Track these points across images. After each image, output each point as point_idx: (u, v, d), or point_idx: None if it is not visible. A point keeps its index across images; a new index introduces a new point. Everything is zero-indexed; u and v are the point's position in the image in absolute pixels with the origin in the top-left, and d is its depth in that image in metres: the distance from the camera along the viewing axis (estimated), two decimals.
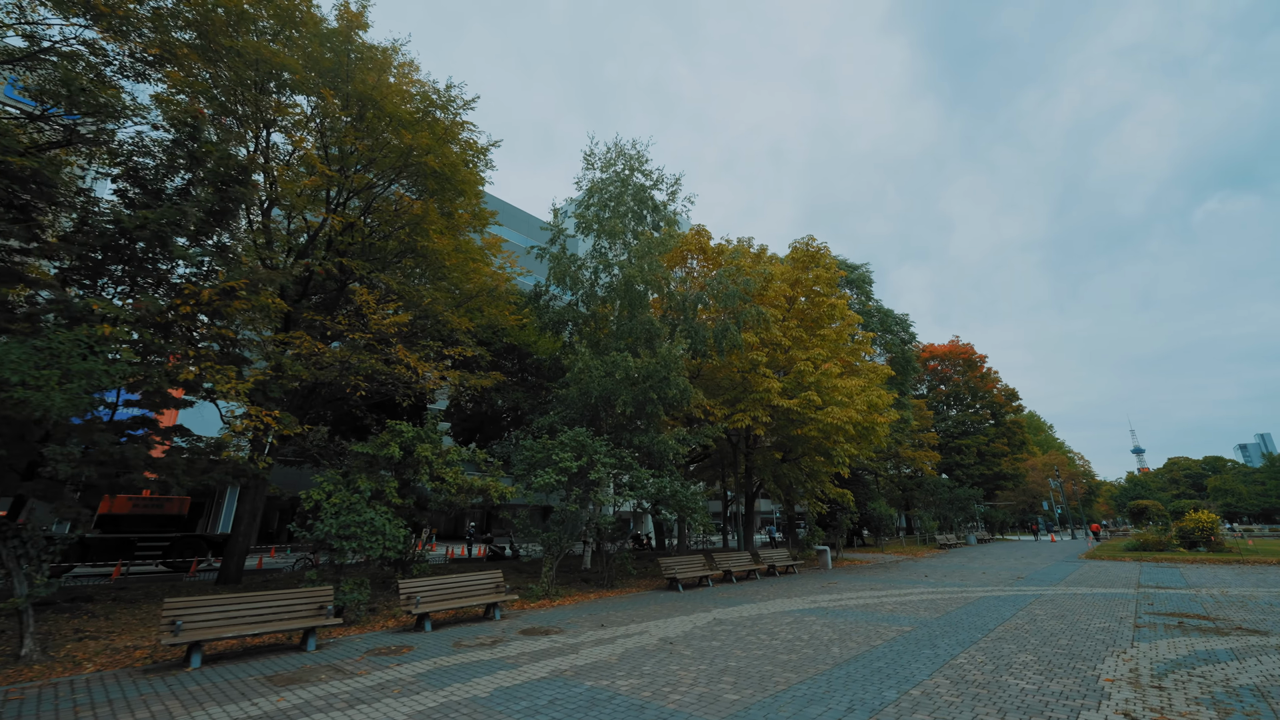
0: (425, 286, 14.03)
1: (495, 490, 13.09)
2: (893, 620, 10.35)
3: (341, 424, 21.81)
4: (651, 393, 15.24)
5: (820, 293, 24.96)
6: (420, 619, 10.08)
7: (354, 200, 15.76)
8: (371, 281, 14.08)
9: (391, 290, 14.24)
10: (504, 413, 23.05)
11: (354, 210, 15.20)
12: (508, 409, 21.68)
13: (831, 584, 16.36)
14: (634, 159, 20.15)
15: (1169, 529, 28.63)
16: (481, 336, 19.88)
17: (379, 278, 13.47)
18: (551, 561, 13.80)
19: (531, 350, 20.44)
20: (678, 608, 12.14)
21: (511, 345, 20.98)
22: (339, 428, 21.61)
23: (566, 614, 11.49)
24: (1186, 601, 12.22)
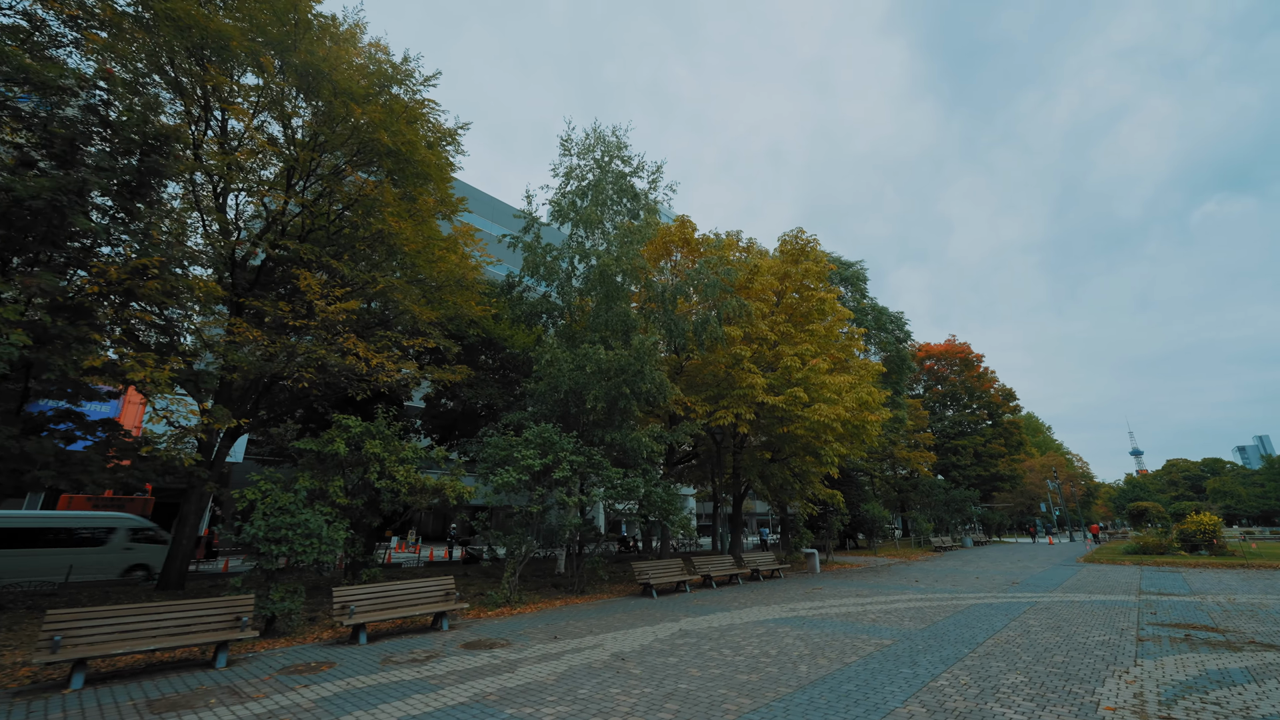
0: (379, 274, 13.14)
1: (452, 490, 12.21)
2: (873, 632, 9.49)
3: (313, 420, 20.94)
4: (624, 387, 14.37)
5: (810, 287, 24.10)
6: (355, 630, 9.20)
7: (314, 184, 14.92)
8: (325, 266, 13.20)
9: (340, 275, 13.35)
10: (481, 410, 22.19)
11: (311, 192, 14.34)
12: (483, 406, 20.81)
13: (816, 590, 15.49)
14: (613, 146, 19.31)
15: (1169, 531, 27.80)
16: (453, 329, 19.01)
17: (330, 263, 12.59)
18: (514, 566, 12.92)
19: (506, 344, 19.56)
20: (645, 616, 11.27)
21: (488, 339, 20.10)
22: (309, 424, 20.74)
23: (523, 624, 10.62)
24: (1192, 610, 11.37)
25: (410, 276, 14.79)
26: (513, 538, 13.02)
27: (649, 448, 14.28)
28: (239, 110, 11.01)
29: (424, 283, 15.35)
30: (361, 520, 12.17)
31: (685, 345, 17.43)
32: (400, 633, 9.95)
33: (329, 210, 14.62)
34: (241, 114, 11.09)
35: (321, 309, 11.40)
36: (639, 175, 19.67)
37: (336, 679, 6.94)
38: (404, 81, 13.50)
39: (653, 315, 17.96)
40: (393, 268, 14.65)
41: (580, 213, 18.15)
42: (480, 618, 11.39)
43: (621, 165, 19.16)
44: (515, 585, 12.87)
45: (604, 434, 14.68)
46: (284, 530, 9.47)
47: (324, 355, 12.32)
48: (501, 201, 41.43)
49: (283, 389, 18.72)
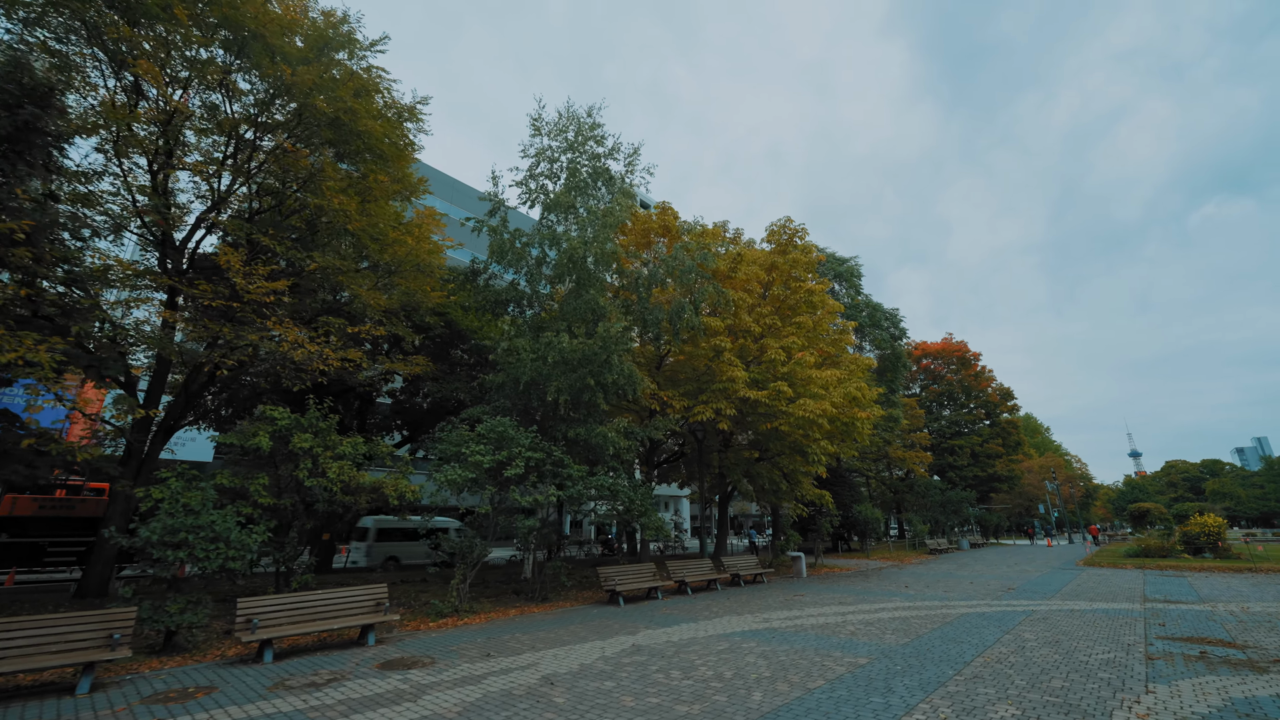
0: (318, 254, 12.07)
1: (393, 489, 11.13)
2: (848, 648, 8.42)
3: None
4: (590, 378, 13.31)
5: (798, 279, 23.04)
6: (261, 647, 8.11)
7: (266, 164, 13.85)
8: (253, 243, 12.11)
9: (269, 252, 12.26)
10: (455, 406, 21.11)
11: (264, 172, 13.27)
12: (456, 402, 19.73)
13: (798, 596, 14.42)
14: (588, 126, 18.24)
15: (1172, 534, 26.76)
16: (417, 320, 17.94)
17: (259, 239, 11.51)
18: (464, 572, 11.83)
19: (474, 335, 18.50)
20: (601, 628, 10.19)
21: (458, 332, 19.04)
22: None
23: (462, 638, 9.54)
24: (1203, 621, 10.31)
25: (357, 259, 13.71)
26: (463, 541, 11.95)
27: (616, 444, 13.21)
28: (146, 68, 9.93)
29: (376, 266, 14.28)
30: (293, 522, 11.08)
31: (660, 336, 16.35)
32: (321, 648, 8.87)
33: (283, 191, 13.57)
34: (149, 71, 10.02)
35: (243, 287, 10.32)
36: (614, 157, 18.57)
37: (203, 710, 5.86)
38: (347, 46, 12.44)
39: (629, 306, 16.89)
40: (338, 249, 13.57)
41: (551, 196, 17.09)
42: (419, 630, 10.31)
43: (595, 146, 18.09)
44: (465, 593, 11.78)
45: (566, 429, 13.62)
46: (183, 533, 8.38)
47: (255, 341, 11.26)
48: (470, 187, 40.21)
49: (243, 384, 17.67)
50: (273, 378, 12.41)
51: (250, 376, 13.17)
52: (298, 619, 8.67)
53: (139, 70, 9.98)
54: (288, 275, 12.23)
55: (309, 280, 13.32)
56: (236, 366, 11.74)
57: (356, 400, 22.19)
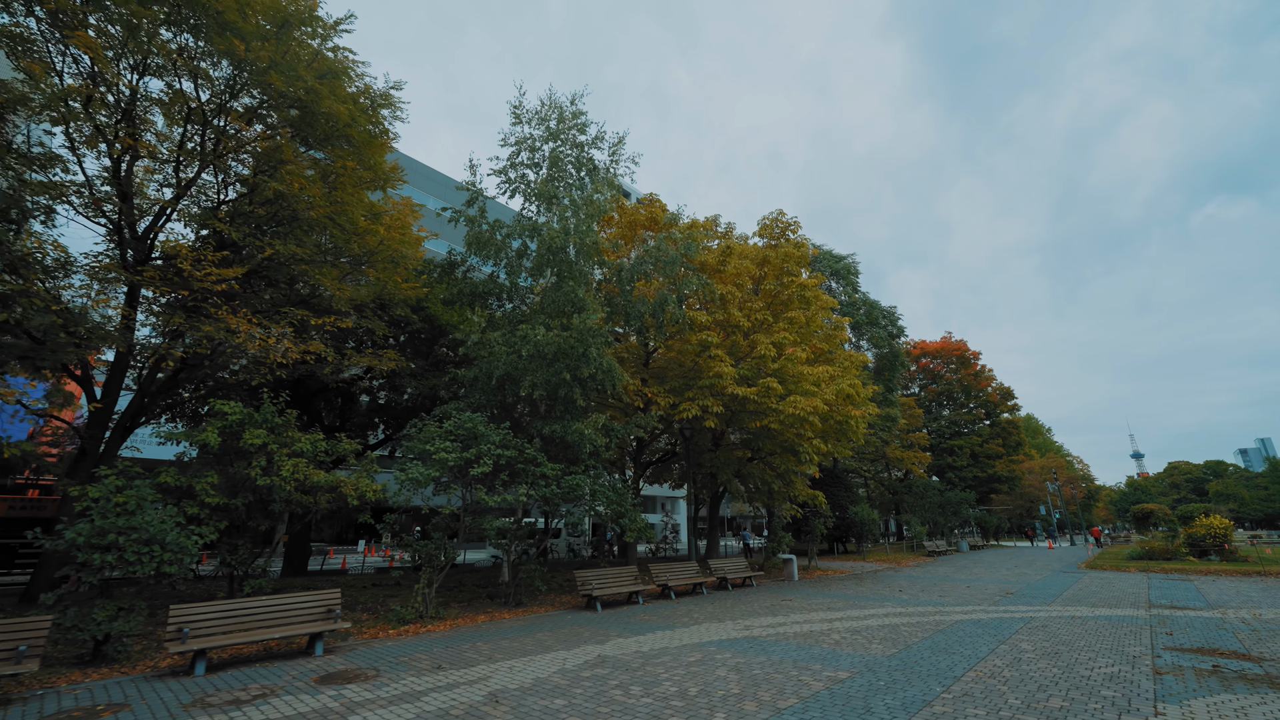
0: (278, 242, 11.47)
1: (353, 488, 10.51)
2: (830, 660, 7.78)
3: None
4: (565, 372, 12.69)
5: (790, 273, 22.42)
6: (194, 658, 7.50)
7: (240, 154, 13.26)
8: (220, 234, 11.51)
9: (234, 243, 11.67)
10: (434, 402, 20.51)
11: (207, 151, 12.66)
12: (432, 397, 19.14)
13: (785, 601, 13.78)
14: (571, 114, 17.64)
15: (1177, 535, 26.07)
16: (397, 315, 17.35)
17: (212, 223, 10.90)
18: (430, 575, 11.21)
19: (453, 331, 17.88)
20: (570, 636, 9.57)
21: (440, 326, 18.43)
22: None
23: (418, 646, 8.91)
24: (1214, 630, 9.65)
25: (333, 250, 13.10)
26: (429, 543, 11.33)
27: (593, 441, 12.58)
28: (84, 40, 9.35)
29: (344, 256, 13.68)
30: (246, 523, 10.46)
31: (644, 329, 15.73)
32: (266, 658, 8.25)
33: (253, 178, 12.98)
34: (87, 44, 9.43)
35: (190, 274, 9.72)
36: (598, 146, 17.97)
37: None
38: (310, 23, 11.85)
39: (613, 299, 16.27)
40: (309, 240, 12.96)
41: (532, 186, 16.49)
42: (377, 637, 9.69)
43: (579, 135, 17.49)
44: (431, 598, 11.16)
45: (542, 426, 13.00)
46: (113, 535, 7.77)
47: (209, 332, 10.65)
48: (450, 178, 39.55)
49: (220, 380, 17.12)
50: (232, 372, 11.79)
51: (207, 370, 12.55)
52: (235, 628, 8.05)
53: (76, 42, 9.39)
54: (243, 262, 11.61)
55: (272, 270, 12.73)
56: (187, 359, 11.11)
57: (339, 398, 21.63)
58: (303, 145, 13.69)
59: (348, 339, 15.68)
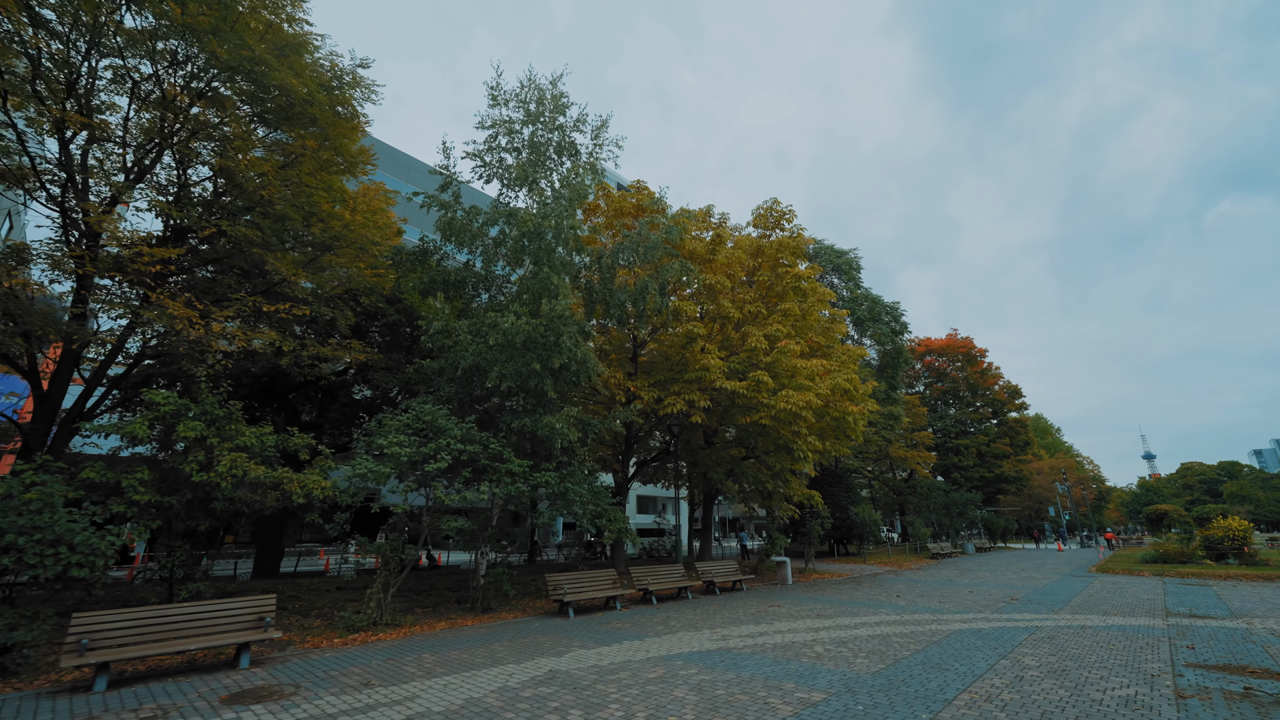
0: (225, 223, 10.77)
1: (298, 486, 9.75)
2: (806, 677, 6.92)
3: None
4: (535, 362, 11.89)
5: (784, 262, 21.52)
6: (96, 671, 6.75)
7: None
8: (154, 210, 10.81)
9: (172, 221, 10.96)
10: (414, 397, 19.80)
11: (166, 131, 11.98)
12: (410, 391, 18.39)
13: (773, 607, 12.91)
14: (551, 96, 16.86)
15: (1193, 538, 24.93)
16: (371, 306, 16.64)
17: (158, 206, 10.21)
18: (385, 578, 10.44)
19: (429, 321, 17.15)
20: (528, 647, 8.76)
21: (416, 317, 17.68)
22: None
23: (358, 658, 8.13)
24: (1240, 642, 8.71)
25: (272, 227, 12.35)
26: (386, 544, 10.55)
27: (564, 436, 11.77)
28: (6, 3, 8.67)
29: (304, 241, 12.96)
30: (180, 521, 9.72)
31: (625, 319, 14.91)
32: (186, 670, 7.50)
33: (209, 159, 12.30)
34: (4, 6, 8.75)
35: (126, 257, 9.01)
36: (580, 129, 17.18)
37: None
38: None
39: (593, 288, 15.46)
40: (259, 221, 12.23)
41: (509, 170, 15.72)
42: (319, 647, 8.92)
43: (559, 117, 16.70)
44: (386, 604, 10.38)
45: (510, 420, 12.21)
46: (10, 535, 7.04)
47: (151, 318, 9.94)
48: (423, 162, 38.77)
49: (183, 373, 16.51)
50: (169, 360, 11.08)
51: (154, 363, 11.86)
52: (148, 638, 7.28)
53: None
54: (179, 244, 10.89)
55: (228, 256, 12.02)
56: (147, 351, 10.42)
57: (320, 394, 20.96)
58: (263, 126, 13.01)
59: (312, 329, 14.93)
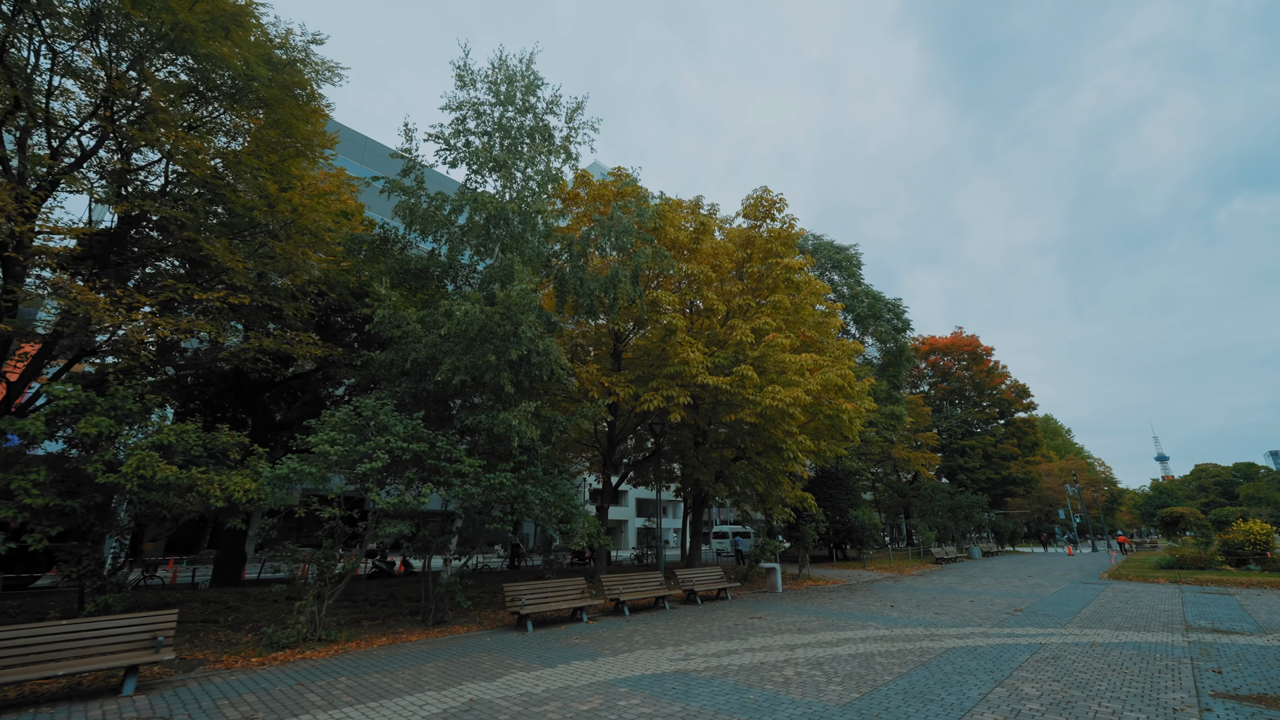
0: (148, 203, 9.94)
1: (217, 488, 8.84)
2: (764, 711, 5.91)
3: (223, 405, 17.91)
4: (491, 354, 10.95)
5: (775, 253, 20.51)
6: None
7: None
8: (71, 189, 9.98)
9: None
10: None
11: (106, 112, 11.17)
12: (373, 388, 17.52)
13: (753, 620, 11.88)
14: (522, 76, 15.99)
15: (1211, 542, 23.63)
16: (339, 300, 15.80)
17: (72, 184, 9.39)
18: (318, 589, 9.50)
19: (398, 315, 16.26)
20: (462, 669, 7.79)
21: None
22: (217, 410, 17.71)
23: (261, 682, 7.20)
24: (1273, 665, 7.60)
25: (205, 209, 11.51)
26: (321, 551, 9.62)
27: (522, 433, 10.81)
28: None
29: (236, 224, 12.12)
30: (92, 529, 8.84)
31: (594, 309, 13.96)
32: (65, 697, 6.60)
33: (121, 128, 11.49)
34: None
35: (17, 230, 8.16)
36: (554, 112, 16.31)
37: None
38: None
39: (564, 277, 14.52)
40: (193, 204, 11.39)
41: (477, 153, 14.84)
42: (233, 667, 7.98)
43: (529, 98, 15.81)
44: (321, 617, 9.45)
45: (466, 417, 11.27)
46: None
47: (66, 305, 9.10)
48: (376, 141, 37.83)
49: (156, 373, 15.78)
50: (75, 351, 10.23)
51: (58, 351, 11.02)
52: (15, 661, 6.38)
53: None
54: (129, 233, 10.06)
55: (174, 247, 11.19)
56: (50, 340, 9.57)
57: (295, 392, 20.17)
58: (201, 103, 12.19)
59: (272, 323, 14.06)
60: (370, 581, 19.09)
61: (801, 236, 39.86)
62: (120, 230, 11.94)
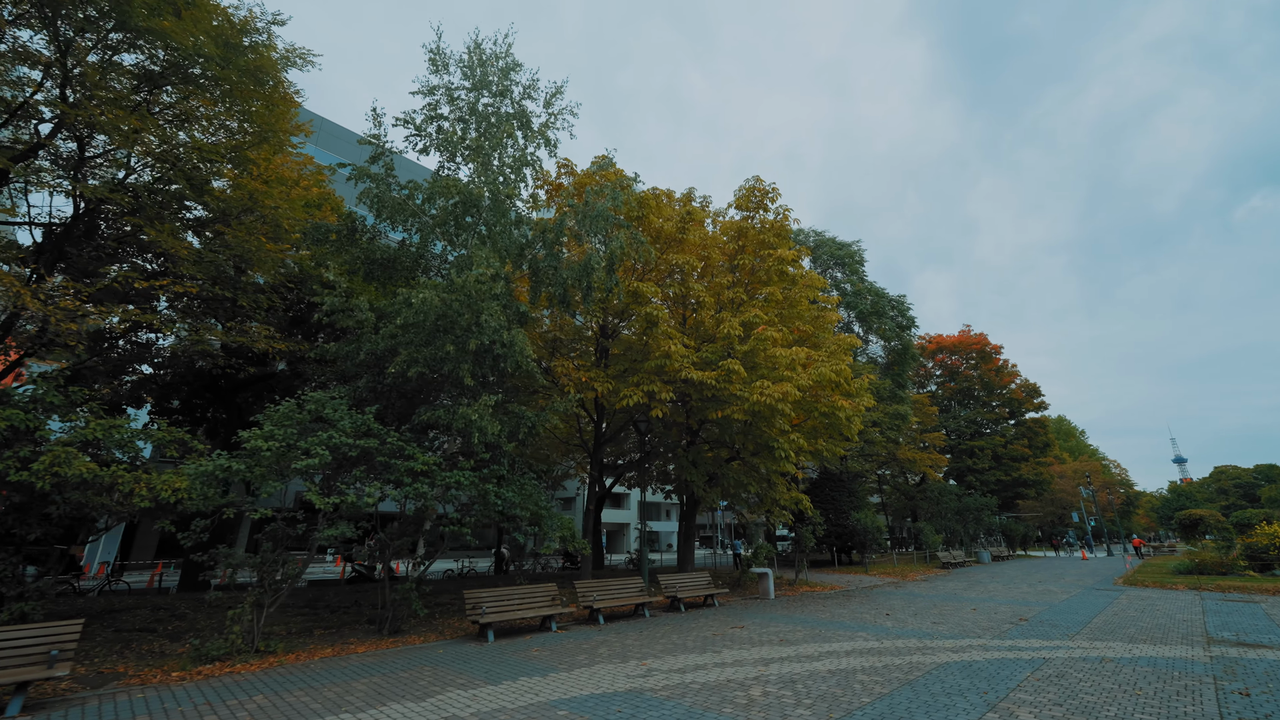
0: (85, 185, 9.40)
1: (142, 487, 8.18)
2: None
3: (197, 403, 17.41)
4: (449, 344, 10.25)
5: (768, 244, 19.68)
6: None
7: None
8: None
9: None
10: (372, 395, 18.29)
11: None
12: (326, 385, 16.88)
13: (733, 630, 11.06)
14: (496, 58, 15.36)
15: (1232, 546, 22.42)
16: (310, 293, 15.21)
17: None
18: (257, 597, 8.82)
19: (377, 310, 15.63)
20: (396, 686, 7.05)
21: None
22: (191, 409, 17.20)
23: (169, 700, 6.50)
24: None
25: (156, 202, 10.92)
26: (259, 556, 8.94)
27: (483, 429, 10.08)
28: None
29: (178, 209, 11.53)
30: (11, 532, 8.22)
31: (568, 300, 13.22)
32: None
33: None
34: None
35: None
36: (532, 96, 15.65)
37: None
38: None
39: (538, 266, 13.82)
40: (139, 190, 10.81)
41: (448, 137, 14.19)
42: (151, 683, 7.30)
43: (505, 81, 15.16)
44: (259, 626, 8.76)
45: (425, 412, 10.56)
46: None
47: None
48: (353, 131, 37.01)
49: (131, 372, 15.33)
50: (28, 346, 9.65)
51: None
52: None
53: None
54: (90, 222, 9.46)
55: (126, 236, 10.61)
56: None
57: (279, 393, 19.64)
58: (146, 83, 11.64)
59: (217, 313, 13.46)
60: (348, 586, 18.47)
61: (802, 233, 39.04)
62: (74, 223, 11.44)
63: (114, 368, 15.17)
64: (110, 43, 10.73)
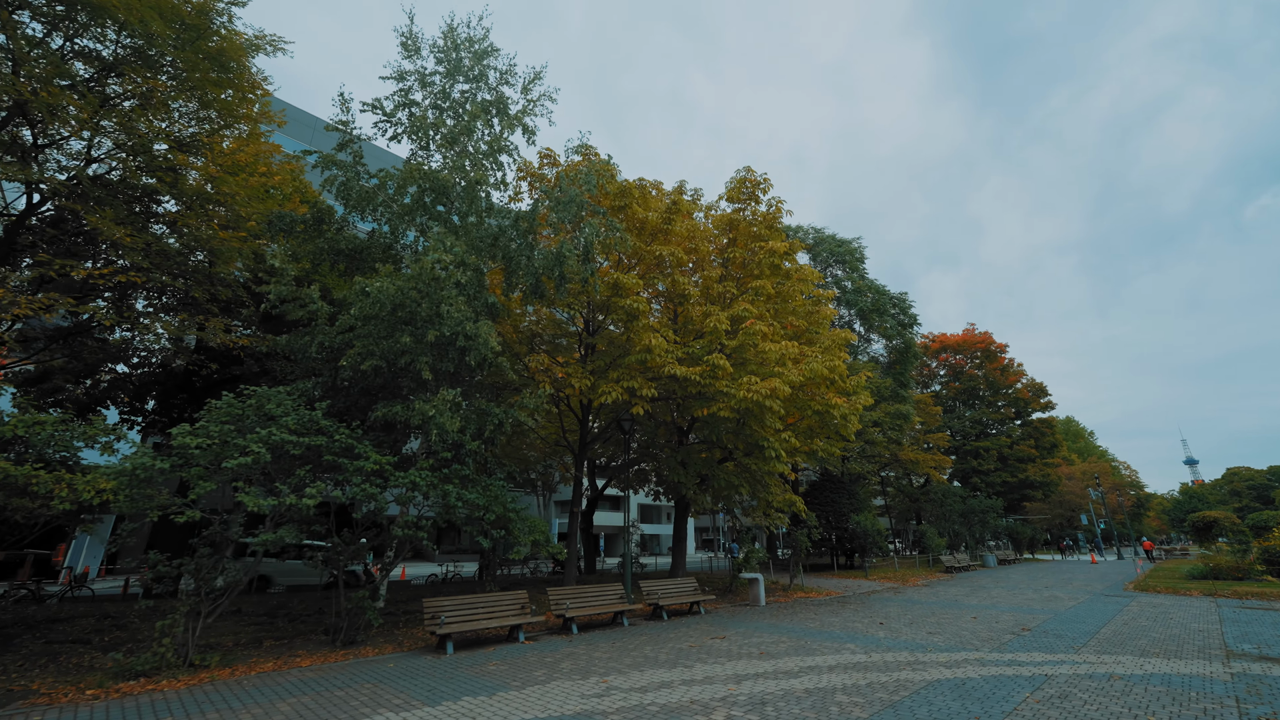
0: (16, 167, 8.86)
1: (63, 488, 7.57)
2: None
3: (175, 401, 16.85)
4: (405, 336, 9.61)
5: (760, 236, 18.97)
6: None
7: None
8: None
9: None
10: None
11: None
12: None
13: (713, 640, 10.33)
14: (471, 42, 14.78)
15: (1249, 549, 21.45)
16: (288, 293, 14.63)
17: None
18: (193, 604, 8.18)
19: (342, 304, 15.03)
20: (324, 708, 6.39)
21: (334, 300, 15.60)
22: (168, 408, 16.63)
23: (90, 718, 5.87)
24: None
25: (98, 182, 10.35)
26: (194, 563, 8.31)
27: (441, 425, 9.42)
28: None
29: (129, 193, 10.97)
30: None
31: (541, 290, 12.56)
32: None
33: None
34: None
35: None
36: (509, 83, 15.05)
37: None
38: None
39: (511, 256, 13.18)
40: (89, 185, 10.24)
41: (420, 123, 13.60)
42: (61, 702, 6.67)
43: (480, 65, 14.57)
44: (193, 638, 8.12)
45: (381, 408, 9.91)
46: None
47: None
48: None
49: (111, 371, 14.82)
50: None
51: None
52: None
53: None
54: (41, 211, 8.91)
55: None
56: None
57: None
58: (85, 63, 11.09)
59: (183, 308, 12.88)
60: (324, 592, 17.84)
61: (801, 230, 38.29)
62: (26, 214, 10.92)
63: (86, 368, 14.66)
64: (55, 18, 10.20)
